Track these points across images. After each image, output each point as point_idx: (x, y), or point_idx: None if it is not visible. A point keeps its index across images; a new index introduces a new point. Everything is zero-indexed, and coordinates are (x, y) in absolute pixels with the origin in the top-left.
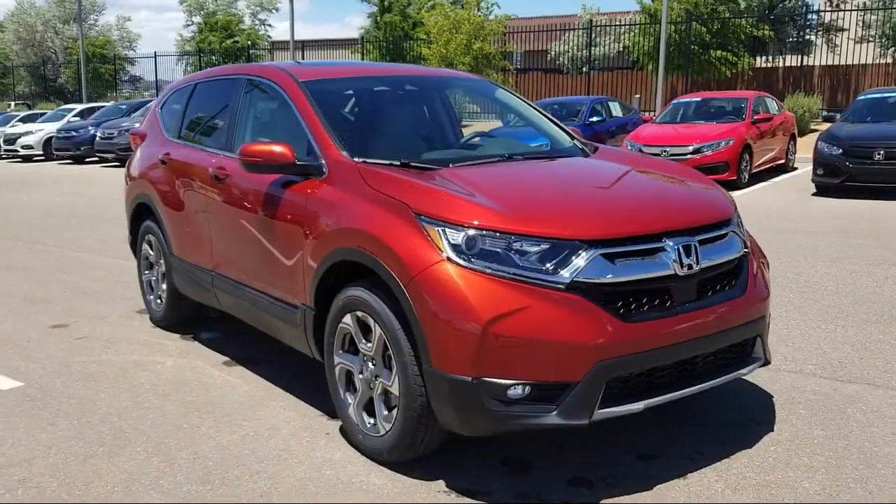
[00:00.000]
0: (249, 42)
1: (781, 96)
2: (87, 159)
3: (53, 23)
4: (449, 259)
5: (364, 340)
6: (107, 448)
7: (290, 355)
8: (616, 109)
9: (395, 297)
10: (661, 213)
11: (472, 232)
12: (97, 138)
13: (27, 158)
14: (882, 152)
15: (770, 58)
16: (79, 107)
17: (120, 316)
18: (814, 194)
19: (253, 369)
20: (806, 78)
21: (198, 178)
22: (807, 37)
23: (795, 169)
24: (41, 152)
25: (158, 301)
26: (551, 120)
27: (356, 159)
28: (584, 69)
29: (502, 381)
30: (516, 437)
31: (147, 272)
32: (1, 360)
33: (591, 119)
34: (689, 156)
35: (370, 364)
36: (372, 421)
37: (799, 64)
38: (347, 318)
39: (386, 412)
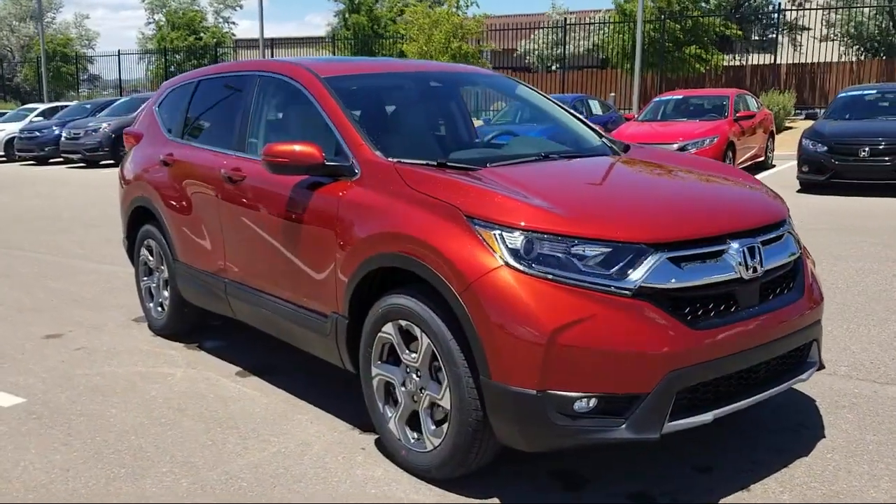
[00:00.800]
0: (215, 40)
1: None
2: (52, 160)
3: (9, 20)
4: (507, 265)
5: (407, 351)
6: (129, 470)
7: (306, 364)
8: (596, 108)
9: (447, 305)
10: (722, 213)
11: (531, 235)
12: (62, 139)
13: None
14: (867, 149)
15: (736, 56)
16: (41, 106)
17: (117, 325)
18: (798, 191)
19: (269, 380)
20: (773, 76)
21: (207, 179)
22: (772, 35)
23: (774, 166)
24: (2, 153)
25: (160, 309)
26: (576, 117)
27: (391, 159)
28: (552, 67)
29: (569, 394)
30: (566, 451)
31: (146, 278)
32: None
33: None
34: None
35: (414, 376)
36: (416, 436)
37: (767, 62)
38: (388, 328)
39: (433, 427)
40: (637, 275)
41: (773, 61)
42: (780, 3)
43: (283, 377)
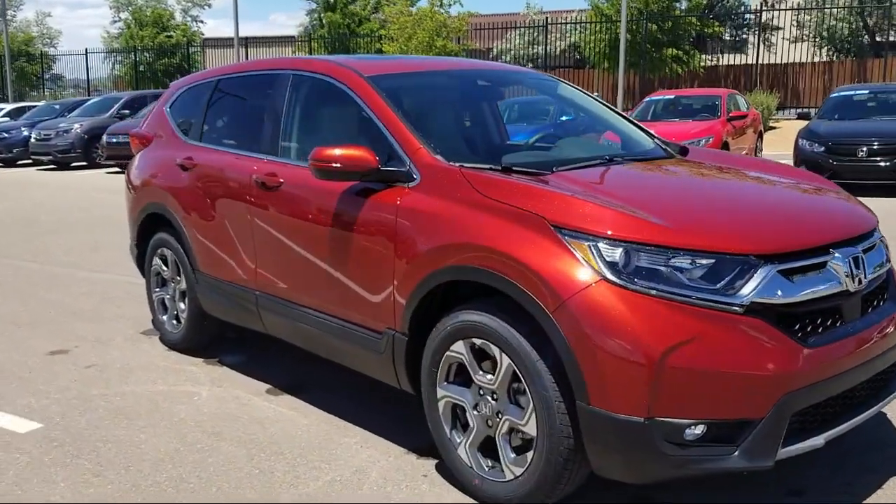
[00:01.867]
0: (185, 38)
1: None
2: (20, 162)
3: None
4: (606, 279)
5: (481, 371)
6: None
7: (340, 381)
8: None
9: (533, 323)
10: (824, 222)
11: (630, 247)
12: (32, 140)
13: None
14: (865, 149)
15: (710, 56)
16: (7, 107)
17: (124, 338)
18: None
19: (304, 398)
20: (747, 76)
21: (235, 185)
22: (743, 36)
23: None
24: None
25: (175, 322)
26: (624, 117)
27: (454, 164)
28: (528, 67)
29: (679, 421)
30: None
31: (158, 290)
32: (7, 397)
33: (562, 118)
34: None
35: (489, 398)
36: (490, 463)
37: (740, 63)
38: (458, 346)
39: (513, 454)
40: (748, 289)
41: (745, 62)
42: (750, 4)
43: (318, 395)
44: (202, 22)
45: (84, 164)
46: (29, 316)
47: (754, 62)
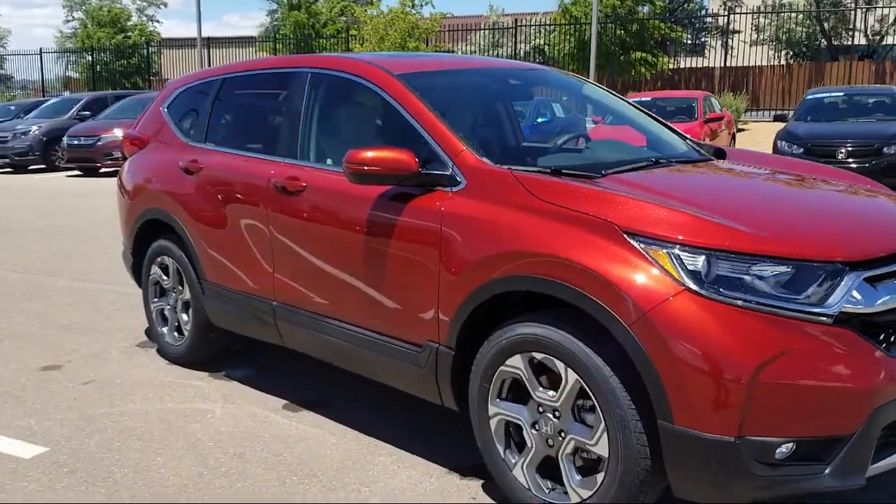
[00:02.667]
0: (144, 39)
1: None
2: None
3: None
4: (688, 290)
5: (541, 388)
6: None
7: (357, 393)
8: (559, 110)
9: (606, 336)
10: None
11: (713, 255)
12: None
13: None
14: (844, 151)
15: (671, 59)
16: None
17: (119, 352)
18: None
19: (325, 413)
20: (707, 79)
21: (250, 190)
22: (704, 39)
23: None
24: None
25: (176, 334)
26: (653, 117)
27: (504, 166)
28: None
29: (771, 440)
30: None
31: (157, 300)
32: (4, 419)
33: (538, 120)
34: None
35: (551, 416)
36: (551, 485)
37: (699, 66)
38: (515, 361)
39: (579, 476)
40: (836, 298)
41: (704, 65)
42: (710, 8)
43: (340, 410)
44: (158, 22)
45: (42, 167)
46: (12, 328)
47: (714, 65)
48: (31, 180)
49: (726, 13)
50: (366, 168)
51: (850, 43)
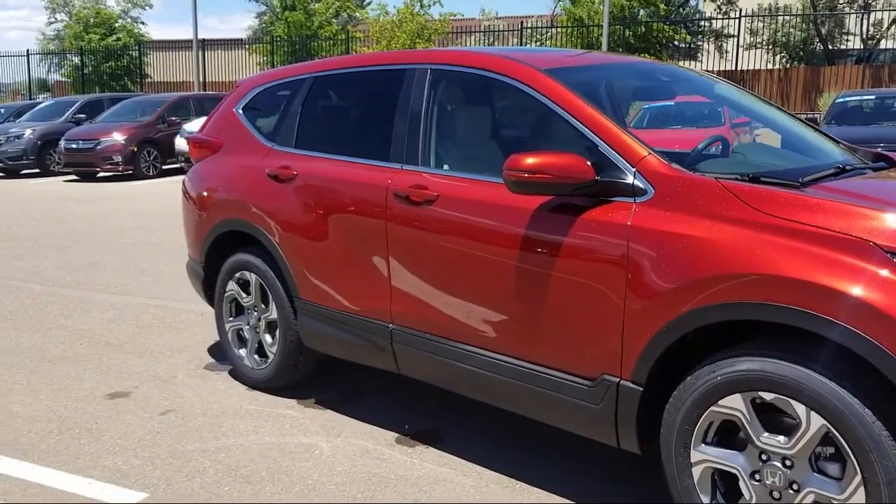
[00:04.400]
0: (134, 41)
1: None
2: None
3: None
4: None
5: (766, 433)
6: None
7: (472, 423)
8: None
9: (866, 376)
10: None
11: None
12: None
13: None
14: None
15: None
16: None
17: (188, 375)
18: None
19: (444, 448)
20: None
21: (362, 200)
22: (699, 42)
23: None
24: None
25: (258, 357)
26: (802, 121)
27: (705, 174)
28: None
29: None
30: None
31: (233, 319)
32: (85, 458)
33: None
34: None
35: (779, 465)
36: None
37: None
38: (733, 401)
39: None
40: None
41: (700, 68)
42: (705, 12)
43: (462, 443)
44: (143, 24)
45: (37, 171)
46: (57, 349)
47: (709, 69)
48: (28, 185)
49: (737, 17)
50: (528, 175)
51: (845, 47)
